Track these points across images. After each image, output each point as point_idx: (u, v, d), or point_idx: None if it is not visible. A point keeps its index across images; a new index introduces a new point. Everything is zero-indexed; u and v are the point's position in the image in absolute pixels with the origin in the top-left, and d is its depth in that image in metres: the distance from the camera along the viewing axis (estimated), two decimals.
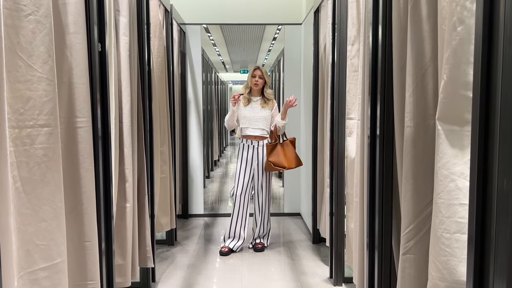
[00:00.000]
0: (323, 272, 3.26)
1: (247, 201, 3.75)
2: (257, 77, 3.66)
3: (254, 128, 3.67)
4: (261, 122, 3.67)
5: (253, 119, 3.67)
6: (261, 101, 3.70)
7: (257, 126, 3.67)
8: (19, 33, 1.32)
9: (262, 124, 3.67)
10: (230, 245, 3.73)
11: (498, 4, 0.94)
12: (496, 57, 0.96)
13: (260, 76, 3.66)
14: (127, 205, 2.41)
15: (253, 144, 3.69)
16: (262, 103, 3.69)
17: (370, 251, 1.94)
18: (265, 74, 3.68)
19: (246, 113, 3.68)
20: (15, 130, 1.32)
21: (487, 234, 1.00)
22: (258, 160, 3.68)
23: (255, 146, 3.69)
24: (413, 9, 1.52)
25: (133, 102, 2.48)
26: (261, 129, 3.68)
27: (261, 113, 3.67)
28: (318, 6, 3.52)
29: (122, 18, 2.35)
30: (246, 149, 3.70)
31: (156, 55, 3.27)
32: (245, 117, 3.68)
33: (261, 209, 3.78)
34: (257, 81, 3.66)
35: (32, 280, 1.38)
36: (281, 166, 3.62)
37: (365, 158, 2.03)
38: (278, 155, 3.62)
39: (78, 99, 1.70)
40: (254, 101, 3.71)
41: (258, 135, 3.68)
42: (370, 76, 1.89)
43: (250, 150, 3.69)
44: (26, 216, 1.36)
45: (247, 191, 3.73)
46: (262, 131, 3.68)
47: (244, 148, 3.72)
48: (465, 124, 1.26)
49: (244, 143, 3.73)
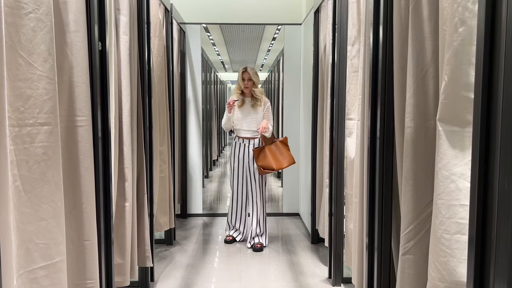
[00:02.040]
0: (322, 272, 3.26)
1: (244, 197, 3.91)
2: (246, 80, 3.79)
3: (246, 130, 3.85)
4: (253, 123, 3.82)
5: (245, 120, 3.83)
6: (252, 101, 3.83)
7: (249, 127, 3.83)
8: (20, 31, 1.32)
9: (254, 125, 3.82)
10: (233, 235, 4.01)
11: (500, 5, 0.94)
12: (498, 58, 0.96)
13: (249, 78, 3.79)
14: (126, 204, 2.40)
15: (244, 143, 3.86)
16: (253, 103, 3.82)
17: (370, 251, 1.94)
18: (253, 75, 3.79)
19: (239, 115, 3.84)
20: (15, 129, 1.32)
21: (487, 235, 1.00)
22: (249, 158, 3.82)
23: (246, 144, 3.86)
24: (414, 9, 1.52)
25: (133, 101, 2.48)
26: (253, 130, 3.83)
27: (252, 114, 3.83)
28: (318, 6, 3.52)
29: (123, 17, 2.34)
30: (238, 147, 3.87)
31: (156, 54, 3.26)
32: (238, 118, 3.84)
33: (256, 207, 3.84)
34: (247, 84, 3.80)
35: (32, 278, 1.38)
36: (270, 168, 3.75)
37: (365, 159, 2.03)
38: (265, 158, 3.75)
39: (78, 98, 1.70)
40: (247, 101, 3.85)
41: (250, 136, 3.85)
42: (370, 77, 1.89)
43: (241, 148, 3.86)
44: (26, 214, 1.36)
45: (243, 187, 3.88)
46: (254, 132, 3.84)
47: (236, 146, 3.89)
48: (466, 125, 1.26)
49: (236, 141, 3.91)
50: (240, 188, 3.90)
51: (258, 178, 3.83)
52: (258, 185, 3.83)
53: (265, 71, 11.05)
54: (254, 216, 3.85)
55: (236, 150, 3.88)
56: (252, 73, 3.77)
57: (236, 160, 3.87)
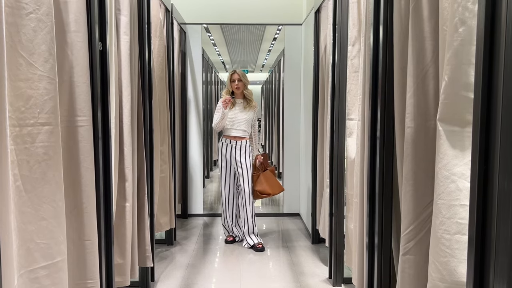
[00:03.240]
0: (322, 272, 3.26)
1: (233, 198, 3.99)
2: (236, 81, 3.87)
3: (237, 129, 3.89)
4: (244, 123, 3.89)
5: (236, 121, 3.87)
6: (244, 103, 3.91)
7: (239, 127, 3.88)
8: (20, 31, 1.32)
9: (244, 126, 3.89)
10: (233, 235, 4.06)
11: (500, 5, 0.95)
12: (497, 58, 0.96)
13: (239, 79, 3.86)
14: (126, 204, 2.40)
15: (231, 143, 3.90)
16: (245, 104, 3.90)
17: (370, 251, 1.94)
18: (242, 76, 3.88)
19: (231, 115, 3.87)
20: (16, 129, 1.32)
21: (487, 235, 1.00)
22: (236, 159, 3.88)
23: (233, 145, 3.90)
24: (414, 9, 1.52)
25: (134, 101, 2.48)
26: (243, 130, 3.90)
27: (243, 115, 3.89)
28: (318, 6, 3.52)
29: (123, 17, 2.34)
30: (225, 148, 3.92)
31: (156, 55, 3.26)
32: (229, 118, 3.87)
33: (244, 206, 3.89)
34: (237, 84, 3.86)
35: (32, 278, 1.38)
36: (266, 193, 3.91)
37: (365, 159, 2.03)
38: (261, 184, 3.91)
39: (79, 98, 1.70)
40: (238, 103, 3.91)
41: (240, 136, 3.90)
42: (370, 77, 1.89)
43: (228, 149, 3.91)
44: (27, 214, 1.36)
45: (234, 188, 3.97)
46: (243, 132, 3.91)
47: (223, 147, 3.93)
48: (466, 125, 1.26)
49: (223, 141, 3.95)
50: (229, 188, 3.96)
51: (246, 176, 3.86)
52: (247, 183, 3.86)
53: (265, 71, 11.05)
54: (243, 216, 3.90)
55: (223, 151, 3.92)
56: (241, 74, 3.87)
57: (224, 160, 3.92)
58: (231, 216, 4.01)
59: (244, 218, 3.90)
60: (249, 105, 3.90)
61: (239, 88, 3.86)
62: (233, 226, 4.03)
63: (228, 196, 3.98)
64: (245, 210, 3.89)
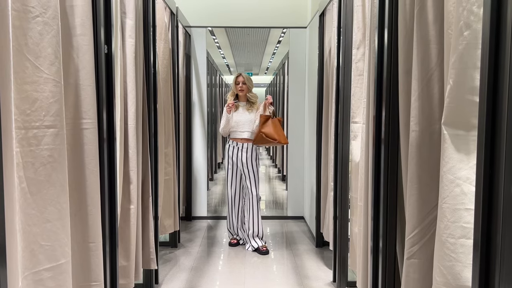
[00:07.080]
0: (326, 276, 3.25)
1: (239, 200, 4.01)
2: (240, 83, 3.93)
3: (242, 131, 3.93)
4: (247, 125, 3.91)
5: (240, 123, 3.91)
6: (247, 105, 3.96)
7: (244, 129, 3.91)
8: (27, 35, 1.33)
9: (249, 127, 3.92)
10: (237, 238, 4.08)
11: (505, 8, 0.94)
12: (503, 62, 0.95)
13: (243, 82, 3.93)
14: (131, 206, 2.41)
15: (238, 146, 3.93)
16: (248, 107, 3.96)
17: (374, 255, 1.93)
18: (247, 80, 3.95)
19: (235, 117, 3.92)
20: (22, 131, 1.33)
21: (493, 240, 0.99)
22: (243, 161, 3.90)
23: (239, 147, 3.92)
24: (419, 13, 1.52)
25: (138, 104, 2.49)
26: (248, 132, 3.92)
27: (247, 117, 3.93)
28: (323, 9, 3.52)
29: (129, 20, 2.36)
30: (232, 150, 3.95)
31: (161, 58, 3.28)
32: (234, 120, 3.92)
33: (251, 209, 3.90)
34: (242, 87, 3.93)
35: (37, 280, 1.39)
36: (272, 138, 3.79)
37: (370, 162, 2.03)
38: (269, 127, 3.81)
39: (84, 101, 1.71)
40: (242, 106, 3.97)
41: (245, 137, 3.92)
42: (375, 80, 1.89)
43: (234, 151, 3.93)
44: (31, 216, 1.36)
45: (240, 191, 3.99)
46: (248, 133, 3.92)
47: (229, 149, 3.96)
48: (471, 129, 1.26)
49: (230, 144, 3.98)
50: (235, 190, 3.99)
51: (253, 178, 3.88)
52: (254, 186, 3.88)
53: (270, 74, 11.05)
54: (250, 219, 3.90)
55: (230, 153, 3.95)
56: (246, 77, 3.93)
57: (230, 162, 3.95)
58: (236, 218, 4.03)
59: (250, 221, 3.90)
60: (252, 107, 3.95)
61: (243, 90, 3.93)
62: (239, 228, 4.04)
63: (234, 198, 4.00)
64: (251, 213, 3.89)
